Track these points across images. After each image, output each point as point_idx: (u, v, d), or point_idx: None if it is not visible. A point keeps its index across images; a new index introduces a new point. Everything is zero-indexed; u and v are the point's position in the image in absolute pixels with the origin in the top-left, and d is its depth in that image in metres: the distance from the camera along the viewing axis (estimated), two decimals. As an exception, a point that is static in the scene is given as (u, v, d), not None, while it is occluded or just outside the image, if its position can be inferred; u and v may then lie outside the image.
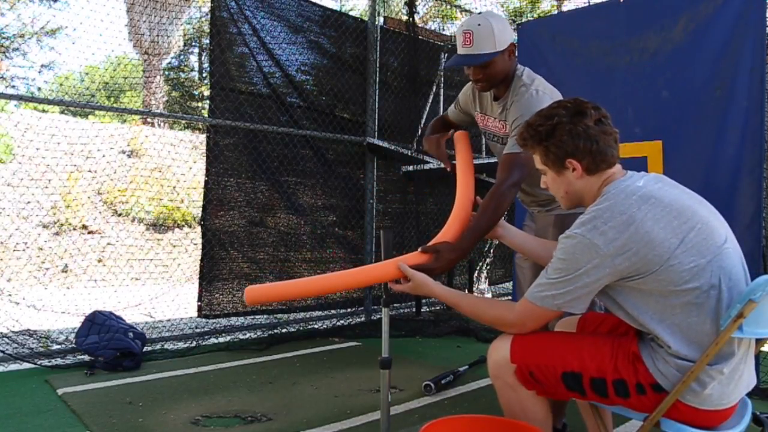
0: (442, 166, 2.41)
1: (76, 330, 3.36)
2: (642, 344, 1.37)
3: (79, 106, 4.16)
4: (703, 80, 2.84)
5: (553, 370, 1.42)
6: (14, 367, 3.11)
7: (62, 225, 8.33)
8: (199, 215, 4.29)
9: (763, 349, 1.54)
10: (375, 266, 1.76)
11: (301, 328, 4.19)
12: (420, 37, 4.83)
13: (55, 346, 3.43)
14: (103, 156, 7.21)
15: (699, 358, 1.26)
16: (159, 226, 9.47)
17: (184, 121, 11.62)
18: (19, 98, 4.71)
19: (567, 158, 1.41)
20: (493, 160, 3.63)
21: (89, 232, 8.52)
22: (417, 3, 4.72)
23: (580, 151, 1.39)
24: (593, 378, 1.39)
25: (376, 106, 4.59)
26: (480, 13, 1.99)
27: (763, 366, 2.60)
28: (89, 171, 8.07)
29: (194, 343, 3.69)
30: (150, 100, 11.91)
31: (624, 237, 1.28)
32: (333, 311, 4.50)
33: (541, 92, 1.93)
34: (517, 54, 2.05)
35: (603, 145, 1.39)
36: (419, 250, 1.74)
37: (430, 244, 1.76)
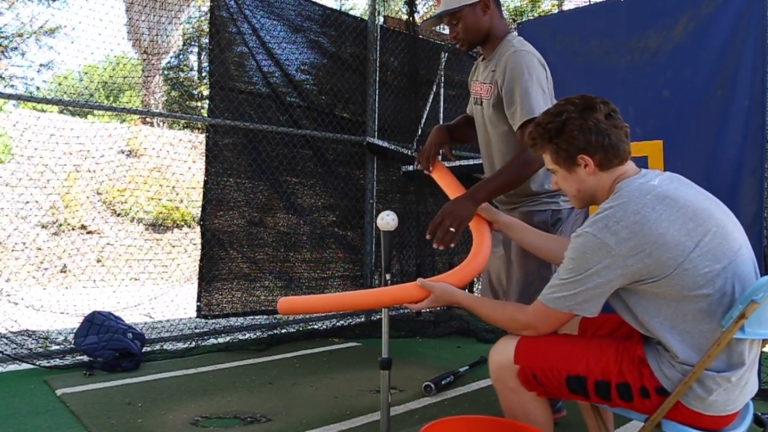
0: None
1: (74, 330, 3.35)
2: (648, 348, 1.36)
3: (77, 106, 4.15)
4: (704, 80, 2.83)
5: (557, 374, 1.40)
6: (13, 367, 3.10)
7: (61, 225, 8.32)
8: (199, 215, 4.27)
9: (763, 350, 1.53)
10: (398, 288, 1.72)
11: (301, 329, 4.18)
12: (420, 36, 4.82)
13: (54, 347, 3.42)
14: (102, 156, 7.19)
15: (701, 360, 1.25)
16: (158, 226, 9.46)
17: (183, 121, 11.61)
18: (18, 98, 4.69)
19: (578, 154, 1.38)
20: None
21: (88, 232, 8.50)
22: (417, 2, 4.72)
23: (592, 146, 1.36)
24: (597, 381, 1.37)
25: (376, 105, 4.58)
26: None
27: (764, 367, 2.60)
28: (88, 171, 8.06)
29: (193, 344, 3.68)
30: (149, 99, 11.90)
31: (637, 237, 1.25)
32: (333, 311, 4.48)
33: (527, 52, 1.94)
34: (501, 16, 2.09)
35: (615, 139, 1.37)
36: (419, 282, 1.64)
37: (431, 280, 1.66)
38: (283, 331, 4.10)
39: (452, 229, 1.79)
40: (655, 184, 1.33)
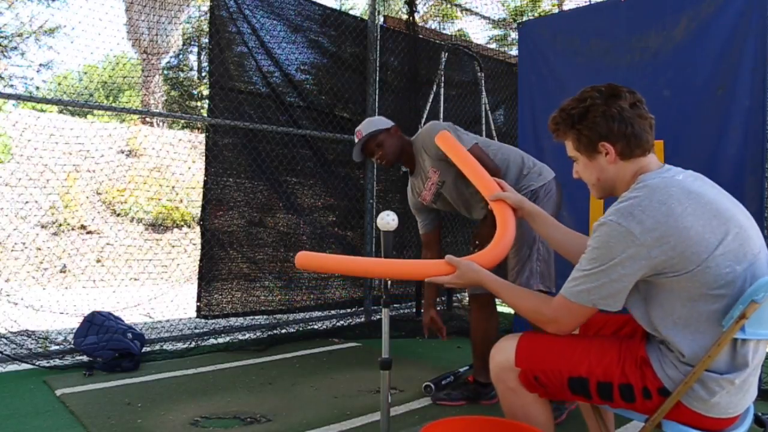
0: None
1: (74, 330, 3.34)
2: (650, 347, 1.34)
3: (77, 106, 4.15)
4: (704, 80, 2.83)
5: (559, 375, 1.39)
6: (12, 367, 3.09)
7: (61, 225, 8.32)
8: (198, 215, 4.27)
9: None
10: (421, 261, 1.72)
11: (301, 329, 4.17)
12: (420, 36, 4.81)
13: (54, 347, 3.41)
14: (102, 156, 7.20)
15: (701, 359, 1.24)
16: (158, 226, 9.46)
17: (183, 121, 11.60)
18: (18, 97, 4.68)
19: (600, 141, 1.35)
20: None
21: (88, 232, 8.50)
22: (417, 2, 4.71)
23: (614, 134, 1.34)
24: (599, 382, 1.36)
25: (376, 105, 4.57)
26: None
27: (764, 367, 2.59)
28: (88, 171, 8.06)
29: (193, 344, 3.68)
30: (149, 99, 11.89)
31: (663, 228, 1.21)
32: (333, 312, 4.48)
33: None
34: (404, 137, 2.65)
35: (638, 128, 1.34)
36: (445, 258, 1.59)
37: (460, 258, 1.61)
38: (283, 331, 4.09)
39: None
40: (680, 179, 1.31)
